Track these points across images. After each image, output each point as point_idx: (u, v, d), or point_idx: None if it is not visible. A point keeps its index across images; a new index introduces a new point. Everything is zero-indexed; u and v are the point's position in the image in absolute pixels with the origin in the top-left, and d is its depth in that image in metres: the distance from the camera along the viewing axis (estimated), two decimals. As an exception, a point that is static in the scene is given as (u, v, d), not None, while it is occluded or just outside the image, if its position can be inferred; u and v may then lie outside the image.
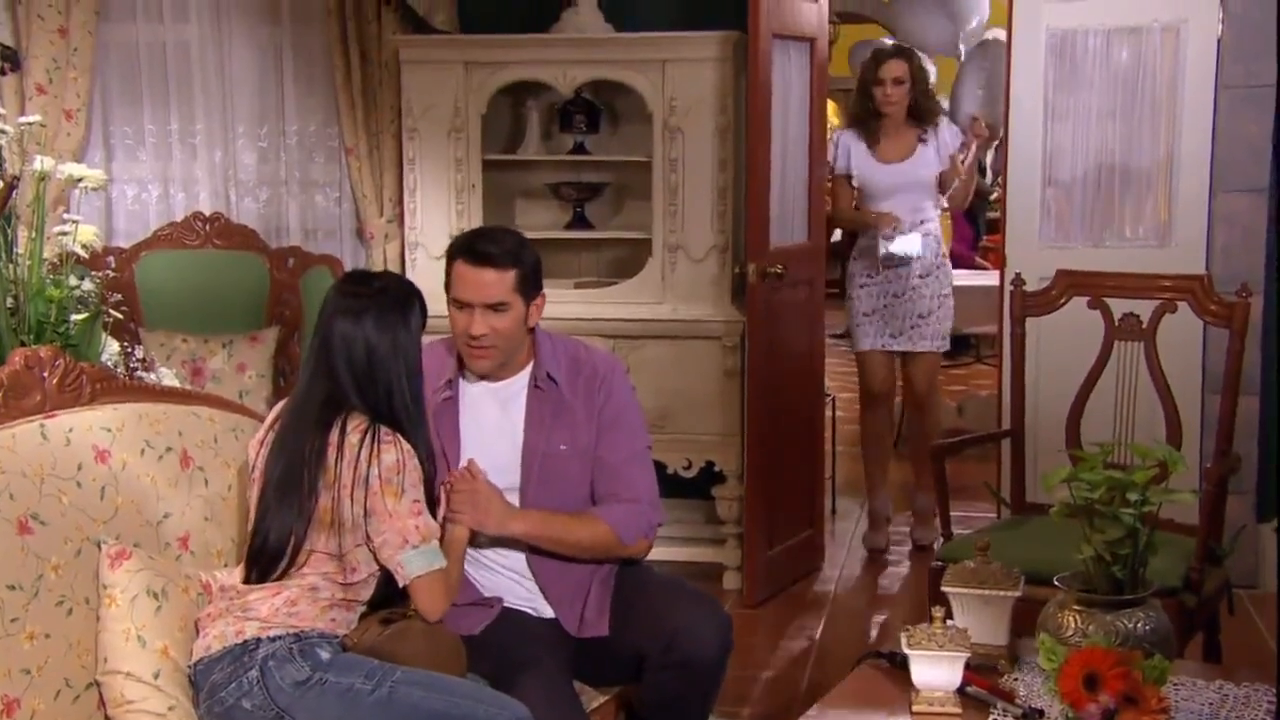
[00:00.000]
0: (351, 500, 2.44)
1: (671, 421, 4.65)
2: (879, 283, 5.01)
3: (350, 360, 2.51)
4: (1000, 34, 6.54)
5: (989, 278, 6.18)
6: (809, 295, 4.84)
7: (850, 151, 5.03)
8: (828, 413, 5.41)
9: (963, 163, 5.03)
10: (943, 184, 5.04)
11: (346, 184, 5.14)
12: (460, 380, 2.84)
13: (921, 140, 5.01)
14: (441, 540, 2.57)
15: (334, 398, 2.50)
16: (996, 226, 6.13)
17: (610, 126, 5.09)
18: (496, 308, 2.72)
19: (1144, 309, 3.54)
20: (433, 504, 2.55)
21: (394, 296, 2.55)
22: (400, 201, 5.01)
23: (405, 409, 2.52)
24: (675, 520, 4.82)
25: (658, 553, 2.97)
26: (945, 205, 5.23)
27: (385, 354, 2.51)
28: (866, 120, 5.02)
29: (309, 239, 5.19)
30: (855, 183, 5.05)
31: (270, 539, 2.47)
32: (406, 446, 2.48)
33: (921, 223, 4.98)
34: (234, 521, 2.70)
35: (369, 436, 2.45)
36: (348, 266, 5.00)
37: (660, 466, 4.28)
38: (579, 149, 5.00)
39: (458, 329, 2.76)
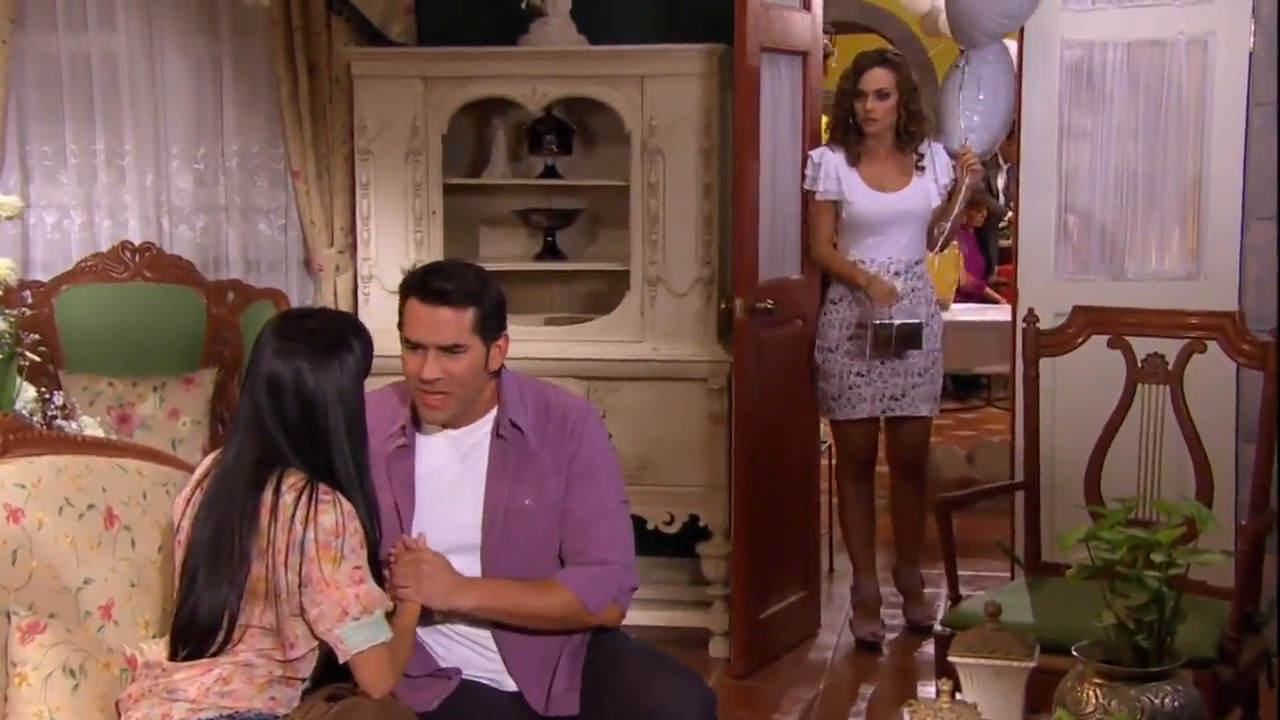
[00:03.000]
0: (286, 568, 2.42)
1: (651, 472, 4.64)
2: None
3: (283, 411, 2.50)
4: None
5: (1000, 313, 6.19)
6: (802, 333, 4.84)
7: (839, 173, 4.71)
8: (823, 461, 5.40)
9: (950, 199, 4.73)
10: (936, 217, 4.76)
11: (293, 211, 5.14)
12: (415, 427, 2.83)
13: (919, 167, 4.75)
14: (391, 615, 2.55)
15: (268, 455, 2.49)
16: (1008, 256, 6.15)
17: (584, 148, 5.10)
18: (451, 350, 2.72)
19: (1170, 349, 3.56)
20: (377, 570, 2.53)
21: (329, 338, 2.54)
22: (352, 230, 5.01)
23: (345, 464, 2.51)
24: (656, 581, 4.80)
25: (636, 617, 2.97)
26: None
27: (321, 403, 2.50)
28: (847, 137, 4.75)
29: (251, 271, 5.17)
30: (843, 212, 4.73)
31: (201, 613, 2.44)
32: (347, 507, 2.46)
33: (916, 262, 4.78)
34: (163, 587, 2.68)
35: (305, 496, 2.43)
36: (294, 301, 4.99)
37: (639, 522, 4.30)
38: (550, 172, 5.01)
39: (409, 372, 2.76)
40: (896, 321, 4.63)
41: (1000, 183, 8.32)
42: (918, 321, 4.67)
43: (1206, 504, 3.37)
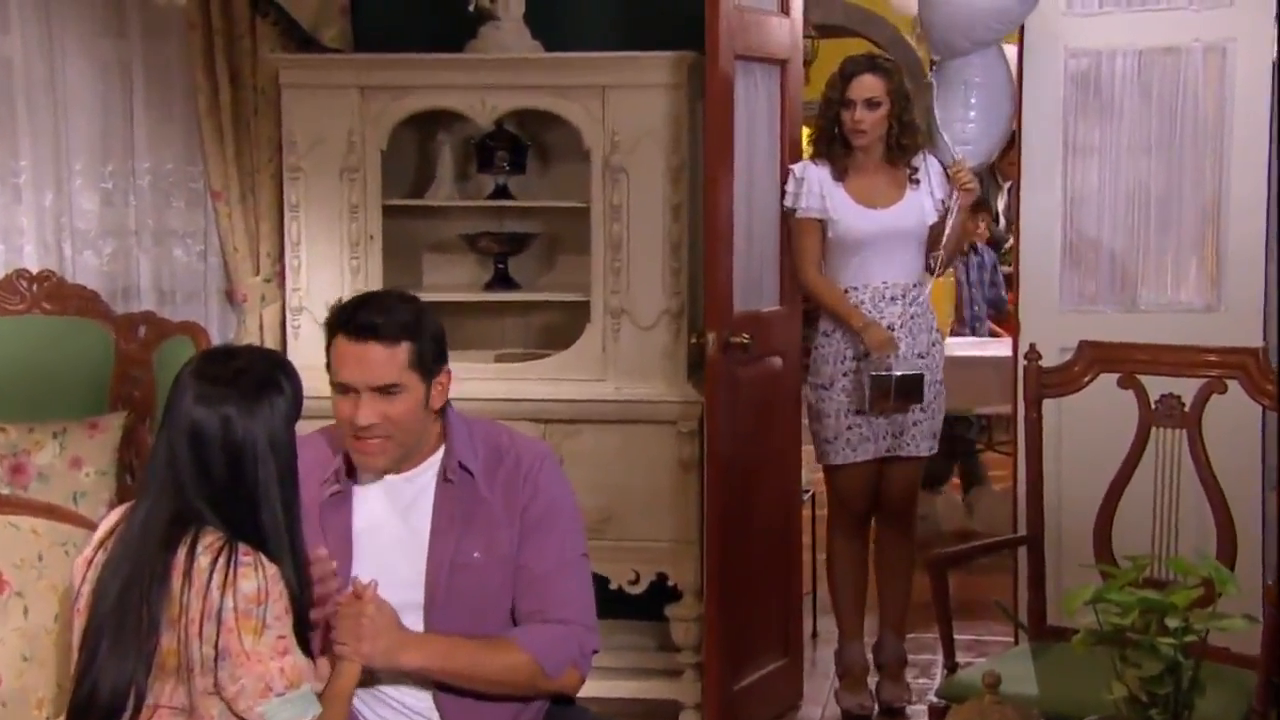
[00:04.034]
0: (201, 639, 2.40)
1: (614, 525, 4.64)
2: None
3: (206, 464, 2.48)
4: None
5: (1000, 348, 6.22)
6: (782, 370, 4.85)
7: (823, 189, 4.71)
8: (805, 513, 5.40)
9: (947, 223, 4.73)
10: (931, 241, 4.77)
11: (213, 235, 5.12)
12: (350, 474, 2.84)
13: (913, 181, 4.76)
14: (329, 680, 2.54)
15: (183, 512, 2.47)
16: (1009, 284, 6.19)
17: (539, 165, 5.12)
18: (387, 391, 2.72)
19: (1187, 389, 3.58)
20: (304, 640, 2.52)
21: (257, 378, 2.53)
22: (280, 257, 5.00)
23: (274, 521, 2.50)
24: (619, 647, 4.80)
25: (598, 688, 2.97)
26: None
27: (251, 453, 2.49)
28: (833, 150, 4.75)
29: (165, 303, 5.15)
30: (829, 232, 4.73)
31: (102, 691, 2.41)
32: (271, 570, 2.45)
33: (915, 285, 4.77)
34: (60, 661, 2.65)
35: (223, 559, 2.42)
36: (215, 336, 4.96)
37: (601, 581, 4.28)
38: (501, 193, 5.02)
39: (341, 418, 2.76)
40: (896, 373, 4.62)
41: (1000, 204, 8.35)
42: (918, 373, 4.67)
43: (1229, 562, 3.39)
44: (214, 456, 2.48)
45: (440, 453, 2.85)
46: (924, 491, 6.20)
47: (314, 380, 2.78)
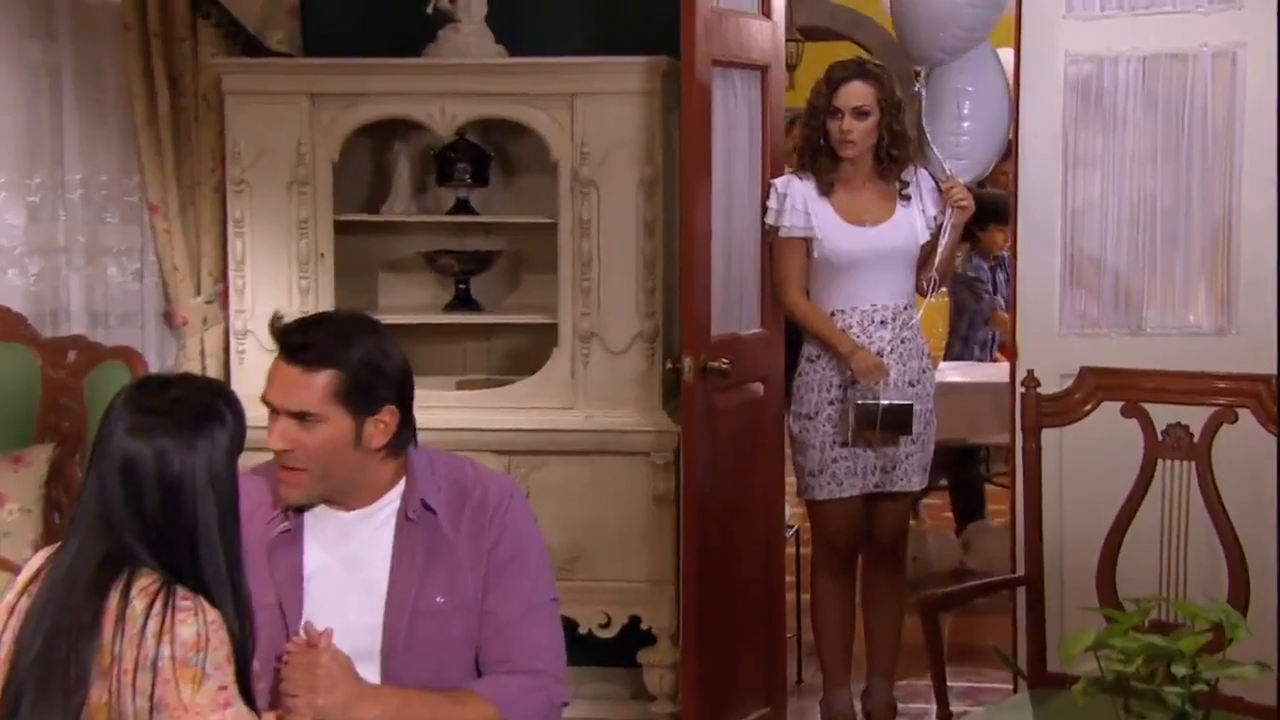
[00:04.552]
0: (134, 691, 2.38)
1: (584, 564, 4.65)
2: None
3: (140, 501, 2.47)
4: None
5: (996, 373, 6.23)
6: (763, 398, 4.86)
7: (808, 205, 4.72)
8: (789, 550, 5.39)
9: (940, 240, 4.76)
10: (922, 261, 4.80)
11: (151, 252, 5.12)
12: (301, 509, 2.83)
13: (903, 196, 4.76)
14: None
15: (116, 553, 2.46)
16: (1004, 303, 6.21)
17: (503, 178, 5.14)
18: (302, 418, 2.72)
19: (1195, 418, 3.58)
20: (248, 691, 2.50)
21: (196, 408, 2.52)
22: (224, 276, 5.00)
23: (214, 561, 2.49)
24: (589, 696, 4.81)
25: (566, 741, 2.97)
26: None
27: (190, 489, 2.48)
28: (818, 162, 4.75)
29: (98, 325, 5.15)
30: (814, 251, 4.74)
31: (23, 749, 2.40)
32: (212, 615, 2.44)
33: (905, 308, 4.78)
34: (-20, 715, 2.63)
35: (159, 603, 2.40)
36: (152, 362, 4.94)
37: (570, 625, 4.28)
38: (462, 207, 5.03)
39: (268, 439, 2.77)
40: (883, 402, 4.63)
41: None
42: (908, 403, 4.68)
43: (1241, 604, 3.39)
44: (149, 492, 2.47)
45: (400, 488, 2.84)
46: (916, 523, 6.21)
47: (259, 410, 2.77)
